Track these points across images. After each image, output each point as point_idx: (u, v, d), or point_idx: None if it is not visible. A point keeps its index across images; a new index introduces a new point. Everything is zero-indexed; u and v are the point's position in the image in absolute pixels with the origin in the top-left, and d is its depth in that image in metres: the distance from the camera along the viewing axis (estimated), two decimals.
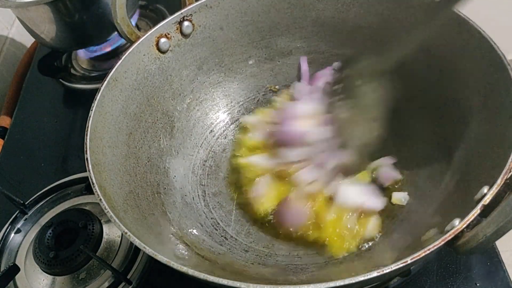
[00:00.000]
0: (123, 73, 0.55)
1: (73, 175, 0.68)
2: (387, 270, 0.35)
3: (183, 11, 0.59)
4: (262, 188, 0.58)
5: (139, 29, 0.84)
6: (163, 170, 0.61)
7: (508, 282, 0.51)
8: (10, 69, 0.96)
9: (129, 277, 0.56)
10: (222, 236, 0.57)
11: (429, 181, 0.55)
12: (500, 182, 0.38)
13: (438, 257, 0.54)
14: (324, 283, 0.34)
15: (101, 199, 0.43)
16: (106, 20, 0.75)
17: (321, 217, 0.54)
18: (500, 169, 0.39)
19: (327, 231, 0.53)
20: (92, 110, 0.50)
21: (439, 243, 0.36)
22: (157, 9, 0.94)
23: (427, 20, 0.45)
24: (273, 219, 0.57)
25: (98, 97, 0.51)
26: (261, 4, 0.63)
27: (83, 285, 0.57)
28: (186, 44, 0.62)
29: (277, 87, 0.70)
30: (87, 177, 0.45)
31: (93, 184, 0.44)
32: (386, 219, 0.55)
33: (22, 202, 0.65)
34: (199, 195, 0.62)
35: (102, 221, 0.60)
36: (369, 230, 0.53)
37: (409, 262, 0.35)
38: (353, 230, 0.53)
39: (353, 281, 0.34)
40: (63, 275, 0.57)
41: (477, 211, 0.37)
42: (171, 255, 0.46)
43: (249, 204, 0.58)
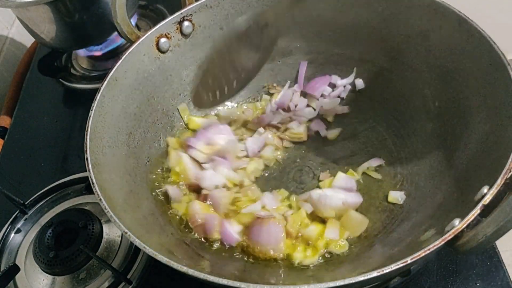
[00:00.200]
0: (123, 73, 0.55)
1: (73, 175, 0.68)
2: (387, 270, 0.35)
3: (183, 11, 0.59)
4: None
5: (139, 29, 0.84)
6: (163, 170, 0.60)
7: (508, 282, 0.51)
8: (10, 69, 0.96)
9: (129, 277, 0.56)
10: None
11: (429, 181, 0.55)
12: (500, 182, 0.38)
13: (438, 257, 0.54)
14: (324, 283, 0.34)
15: (101, 199, 0.43)
16: (106, 20, 0.75)
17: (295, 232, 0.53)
18: (500, 169, 0.39)
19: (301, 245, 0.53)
20: (92, 110, 0.50)
21: (439, 243, 0.36)
22: (157, 9, 0.94)
23: None
24: (248, 246, 0.53)
25: (98, 97, 0.51)
26: (261, 4, 0.63)
27: (83, 285, 0.57)
28: (186, 44, 0.62)
29: (274, 84, 0.70)
30: (87, 177, 0.45)
31: (93, 184, 0.44)
32: (386, 219, 0.55)
33: (22, 202, 0.65)
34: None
35: (102, 221, 0.60)
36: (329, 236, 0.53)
37: (409, 262, 0.35)
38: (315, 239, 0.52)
39: (353, 281, 0.34)
40: (63, 275, 0.57)
41: (477, 211, 0.37)
42: (171, 255, 0.45)
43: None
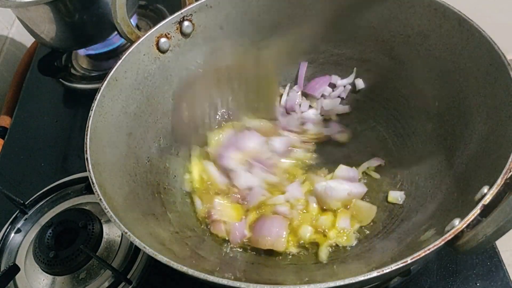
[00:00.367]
0: (123, 73, 0.55)
1: (73, 175, 0.68)
2: (387, 270, 0.35)
3: (183, 11, 0.59)
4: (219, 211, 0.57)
5: (139, 29, 0.84)
6: (163, 170, 0.61)
7: (508, 282, 0.51)
8: (10, 69, 0.96)
9: (129, 277, 0.56)
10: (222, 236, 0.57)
11: (429, 181, 0.55)
12: (500, 182, 0.38)
13: (438, 257, 0.54)
14: (324, 283, 0.34)
15: (101, 199, 0.43)
16: (106, 20, 0.75)
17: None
18: (500, 169, 0.39)
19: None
20: (92, 110, 0.50)
21: (439, 243, 0.36)
22: (157, 9, 0.94)
23: None
24: (249, 241, 0.54)
25: (98, 97, 0.51)
26: (261, 3, 0.63)
27: (83, 285, 0.57)
28: (186, 44, 0.62)
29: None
30: (87, 177, 0.45)
31: (93, 184, 0.44)
32: (386, 219, 0.55)
33: (22, 202, 0.65)
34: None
35: (102, 221, 0.60)
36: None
37: (409, 262, 0.35)
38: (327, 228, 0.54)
39: (353, 281, 0.34)
40: (63, 275, 0.57)
41: (477, 211, 0.37)
42: (171, 255, 0.45)
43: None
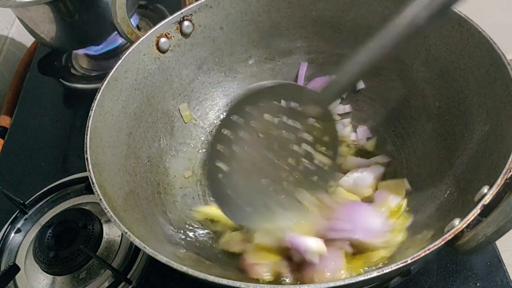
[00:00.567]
0: (123, 73, 0.55)
1: (73, 174, 0.68)
2: (387, 270, 0.35)
3: (183, 10, 0.59)
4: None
5: (139, 29, 0.84)
6: (163, 170, 0.61)
7: (508, 282, 0.51)
8: (10, 69, 0.96)
9: (129, 276, 0.56)
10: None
11: (429, 181, 0.55)
12: (500, 182, 0.38)
13: (438, 257, 0.54)
14: (324, 283, 0.34)
15: (101, 199, 0.43)
16: (106, 20, 0.75)
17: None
18: (500, 169, 0.39)
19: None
20: (92, 110, 0.50)
21: (439, 243, 0.36)
22: (157, 8, 0.94)
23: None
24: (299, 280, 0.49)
25: (98, 97, 0.51)
26: (261, 4, 0.63)
27: (83, 284, 0.57)
28: (186, 43, 0.62)
29: None
30: (87, 177, 0.45)
31: (93, 184, 0.44)
32: None
33: (22, 202, 0.65)
34: (199, 195, 0.62)
35: (102, 221, 0.60)
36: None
37: (409, 262, 0.35)
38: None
39: (353, 281, 0.34)
40: (63, 274, 0.57)
41: (477, 211, 0.37)
42: (171, 255, 0.45)
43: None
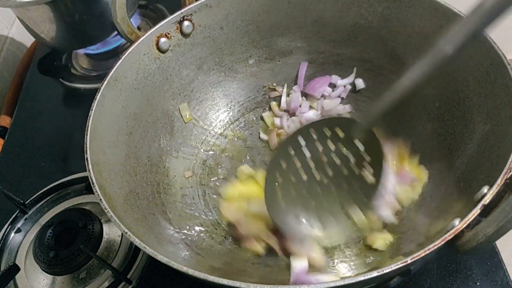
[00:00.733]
0: (123, 73, 0.55)
1: (73, 174, 0.68)
2: (387, 270, 0.35)
3: (183, 10, 0.59)
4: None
5: (139, 29, 0.84)
6: (163, 170, 0.61)
7: (508, 282, 0.51)
8: (10, 69, 0.96)
9: (129, 276, 0.56)
10: (222, 236, 0.57)
11: (429, 181, 0.55)
12: (500, 182, 0.38)
13: (438, 256, 0.54)
14: (324, 283, 0.34)
15: (101, 199, 0.43)
16: (106, 20, 0.75)
17: None
18: (500, 169, 0.39)
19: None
20: (92, 110, 0.50)
21: (439, 243, 0.36)
22: (157, 8, 0.94)
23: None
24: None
25: (98, 97, 0.51)
26: (261, 3, 0.63)
27: (83, 284, 0.57)
28: (186, 43, 0.62)
29: (274, 84, 0.70)
30: (87, 177, 0.45)
31: (93, 183, 0.44)
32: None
33: (22, 201, 0.65)
34: (199, 195, 0.62)
35: (102, 221, 0.60)
36: None
37: (409, 262, 0.35)
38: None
39: (353, 281, 0.34)
40: (63, 274, 0.57)
41: (477, 211, 0.37)
42: (171, 255, 0.46)
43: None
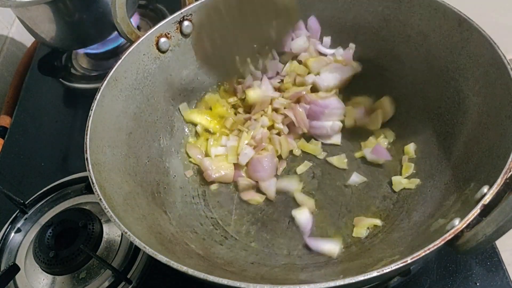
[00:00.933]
0: (123, 73, 0.55)
1: (73, 174, 0.68)
2: (387, 270, 0.35)
3: (183, 10, 0.59)
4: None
5: (139, 29, 0.84)
6: (163, 170, 0.61)
7: (508, 281, 0.51)
8: (10, 69, 0.96)
9: (129, 276, 0.56)
10: (222, 235, 0.57)
11: (429, 180, 0.55)
12: (500, 181, 0.38)
13: (438, 256, 0.54)
14: (324, 283, 0.34)
15: (101, 199, 0.43)
16: (106, 19, 0.75)
17: None
18: (500, 169, 0.39)
19: None
20: (92, 109, 0.50)
21: (439, 242, 0.36)
22: (157, 8, 0.94)
23: None
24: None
25: (98, 96, 0.51)
26: (261, 3, 0.63)
27: (83, 284, 0.57)
28: (186, 43, 0.62)
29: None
30: (87, 177, 0.45)
31: (93, 183, 0.44)
32: (386, 218, 0.55)
33: (22, 201, 0.65)
34: (199, 195, 0.62)
35: (102, 221, 0.60)
36: None
37: (409, 261, 0.35)
38: None
39: (353, 281, 0.34)
40: (63, 274, 0.57)
41: (477, 210, 0.37)
42: (171, 255, 0.45)
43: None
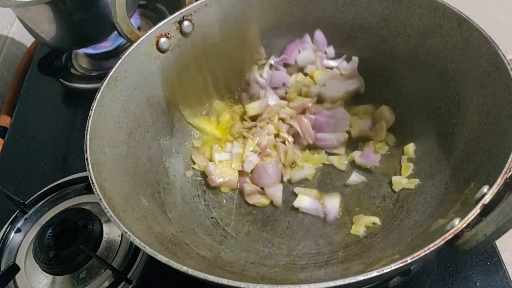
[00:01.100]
0: (123, 73, 0.55)
1: (73, 174, 0.68)
2: (387, 269, 0.35)
3: (183, 10, 0.59)
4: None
5: (139, 29, 0.84)
6: (163, 169, 0.61)
7: (508, 281, 0.51)
8: (10, 69, 0.96)
9: (129, 276, 0.56)
10: (222, 235, 0.57)
11: (429, 180, 0.55)
12: (500, 181, 0.38)
13: (438, 256, 0.54)
14: (324, 283, 0.34)
15: (101, 199, 0.43)
16: (106, 19, 0.75)
17: None
18: (500, 168, 0.39)
19: None
20: (92, 110, 0.50)
21: (439, 242, 0.36)
22: (157, 8, 0.94)
23: None
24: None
25: (98, 96, 0.51)
26: (261, 3, 0.63)
27: (83, 284, 0.57)
28: (186, 43, 0.62)
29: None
30: (87, 177, 0.45)
31: (93, 183, 0.44)
32: (386, 218, 0.55)
33: (22, 201, 0.65)
34: (199, 195, 0.62)
35: (102, 221, 0.60)
36: None
37: (409, 261, 0.35)
38: None
39: (353, 281, 0.34)
40: (63, 274, 0.57)
41: (477, 210, 0.37)
42: (171, 255, 0.45)
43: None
